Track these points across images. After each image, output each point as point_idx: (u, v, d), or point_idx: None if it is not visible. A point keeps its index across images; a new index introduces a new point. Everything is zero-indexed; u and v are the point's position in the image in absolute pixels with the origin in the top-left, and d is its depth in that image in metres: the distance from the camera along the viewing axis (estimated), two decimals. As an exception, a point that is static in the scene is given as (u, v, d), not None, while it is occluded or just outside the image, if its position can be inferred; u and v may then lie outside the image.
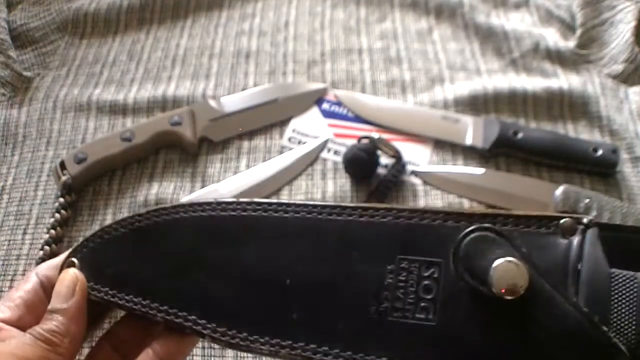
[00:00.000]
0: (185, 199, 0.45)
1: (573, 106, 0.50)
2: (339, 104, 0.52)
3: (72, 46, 0.58)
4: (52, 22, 0.59)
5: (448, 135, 0.49)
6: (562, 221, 0.26)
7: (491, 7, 0.59)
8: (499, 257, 0.24)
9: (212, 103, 0.51)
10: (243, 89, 0.53)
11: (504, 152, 0.48)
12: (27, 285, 0.28)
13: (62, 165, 0.46)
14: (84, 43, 0.59)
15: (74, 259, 0.29)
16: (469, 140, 0.48)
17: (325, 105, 0.52)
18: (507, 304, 0.24)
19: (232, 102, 0.51)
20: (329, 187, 0.47)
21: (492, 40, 0.55)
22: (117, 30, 0.60)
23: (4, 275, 0.44)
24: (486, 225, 0.26)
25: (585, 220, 0.26)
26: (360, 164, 0.46)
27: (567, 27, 0.56)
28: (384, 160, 0.47)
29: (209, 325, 0.27)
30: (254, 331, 0.27)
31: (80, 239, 0.44)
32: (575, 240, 0.25)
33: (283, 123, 0.51)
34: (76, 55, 0.58)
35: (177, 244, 0.29)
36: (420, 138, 0.49)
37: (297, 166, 0.48)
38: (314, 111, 0.52)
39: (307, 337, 0.26)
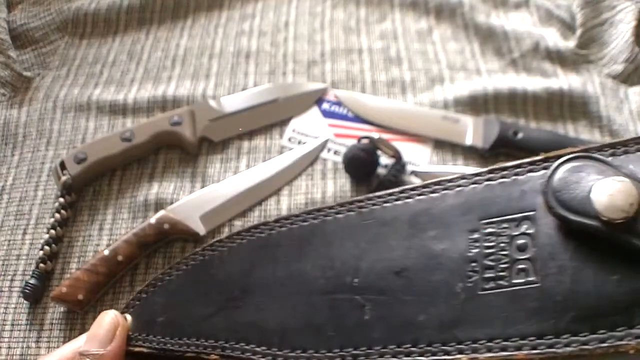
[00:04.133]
0: (185, 199, 0.45)
1: (573, 106, 0.50)
2: (339, 104, 0.52)
3: (72, 46, 0.59)
4: (52, 22, 0.59)
5: (448, 135, 0.49)
6: None
7: (491, 7, 0.59)
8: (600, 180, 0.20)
9: (212, 103, 0.51)
10: (243, 89, 0.53)
11: (504, 152, 0.48)
12: (75, 343, 0.26)
13: (62, 165, 0.46)
14: (84, 43, 0.59)
15: (127, 315, 0.28)
16: (469, 140, 0.48)
17: (325, 105, 0.52)
18: (622, 233, 0.20)
19: (232, 102, 0.51)
20: (329, 187, 0.47)
21: (492, 40, 0.55)
22: (117, 30, 0.60)
23: (4, 275, 0.44)
24: (579, 153, 0.22)
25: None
26: (360, 164, 0.46)
27: (567, 27, 0.56)
28: (384, 160, 0.47)
29: (269, 352, 0.24)
30: (321, 345, 0.24)
31: (80, 239, 0.45)
32: None
33: (283, 123, 0.51)
34: (76, 55, 0.58)
35: (230, 274, 0.27)
36: (420, 138, 0.49)
37: (297, 166, 0.48)
38: (314, 111, 0.52)
39: (385, 338, 0.23)
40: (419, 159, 0.48)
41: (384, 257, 0.24)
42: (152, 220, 0.43)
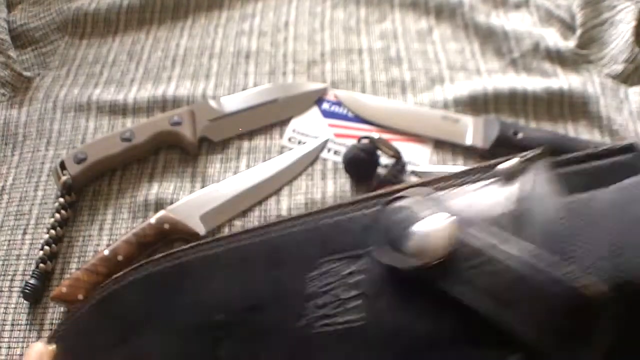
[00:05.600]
0: (185, 199, 0.45)
1: (573, 106, 0.50)
2: (339, 104, 0.52)
3: (72, 46, 0.58)
4: (52, 22, 0.59)
5: (448, 135, 0.49)
6: (500, 166, 0.22)
7: (491, 7, 0.59)
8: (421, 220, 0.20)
9: (212, 103, 0.51)
10: (243, 89, 0.53)
11: (504, 152, 0.47)
12: None
13: (62, 165, 0.46)
14: (84, 43, 0.59)
15: (52, 345, 0.28)
16: (469, 140, 0.48)
17: (325, 105, 0.52)
18: (440, 275, 0.19)
19: (232, 102, 0.51)
20: (328, 187, 0.47)
21: (492, 40, 0.55)
22: (117, 30, 0.60)
23: (4, 275, 0.44)
24: (410, 190, 0.22)
25: (529, 156, 0.22)
26: (360, 164, 0.46)
27: (567, 27, 0.56)
28: (384, 160, 0.47)
29: None
30: None
31: (80, 239, 0.45)
32: (520, 180, 0.21)
33: (283, 123, 0.51)
34: (76, 55, 0.58)
35: (122, 310, 0.28)
36: (420, 138, 0.49)
37: (297, 166, 0.48)
38: (314, 111, 0.52)
39: None
40: (419, 159, 0.48)
41: (244, 294, 0.24)
42: (152, 220, 0.43)
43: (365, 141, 0.46)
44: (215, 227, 0.45)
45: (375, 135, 0.47)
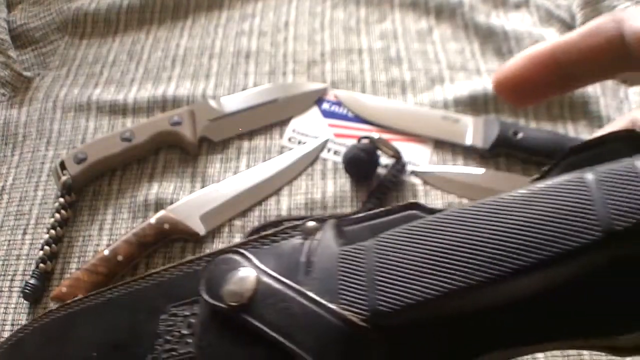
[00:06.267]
0: (185, 199, 0.45)
1: (573, 106, 0.50)
2: (339, 104, 0.52)
3: (72, 46, 0.59)
4: (52, 22, 0.59)
5: (448, 135, 0.49)
6: (307, 225, 0.28)
7: (491, 7, 0.59)
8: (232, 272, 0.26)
9: (212, 103, 0.51)
10: (243, 89, 0.53)
11: (504, 152, 0.48)
12: None
13: (62, 165, 0.46)
14: (84, 43, 0.59)
15: None
16: (469, 140, 0.48)
17: (325, 105, 0.52)
18: (248, 313, 0.25)
19: (232, 102, 0.51)
20: (328, 187, 0.47)
21: (492, 40, 0.55)
22: (117, 30, 0.60)
23: (4, 275, 0.44)
24: (233, 248, 0.28)
25: (326, 216, 0.27)
26: (360, 164, 0.46)
27: (567, 27, 0.56)
28: (384, 160, 0.47)
29: None
30: None
31: (80, 239, 0.45)
32: (314, 236, 0.27)
33: (283, 123, 0.51)
34: (76, 55, 0.58)
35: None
36: (420, 138, 0.49)
37: (297, 166, 0.48)
38: (314, 111, 0.52)
39: None
40: (419, 159, 0.48)
41: (112, 335, 0.29)
42: (152, 220, 0.43)
43: (365, 141, 0.46)
44: (215, 227, 0.45)
45: (375, 135, 0.47)
